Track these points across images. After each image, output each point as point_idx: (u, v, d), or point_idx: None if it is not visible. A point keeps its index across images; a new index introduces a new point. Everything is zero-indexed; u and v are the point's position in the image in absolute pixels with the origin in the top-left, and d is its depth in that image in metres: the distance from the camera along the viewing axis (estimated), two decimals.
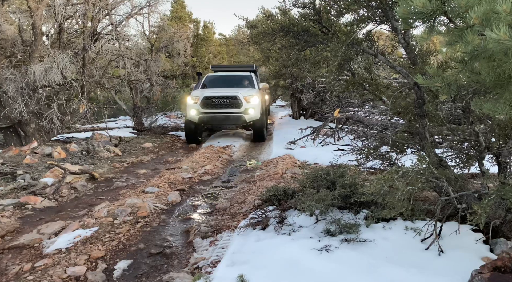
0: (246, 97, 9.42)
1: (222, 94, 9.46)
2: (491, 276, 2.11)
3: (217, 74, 11.57)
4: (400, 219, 3.13)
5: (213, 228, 3.73)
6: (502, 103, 1.85)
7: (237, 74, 11.41)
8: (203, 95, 9.44)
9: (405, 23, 1.91)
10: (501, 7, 1.40)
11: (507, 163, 3.17)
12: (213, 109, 9.36)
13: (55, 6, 8.23)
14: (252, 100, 9.51)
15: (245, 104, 9.33)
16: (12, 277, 3.00)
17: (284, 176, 5.50)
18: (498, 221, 2.82)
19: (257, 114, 9.49)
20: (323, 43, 3.72)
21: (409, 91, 3.62)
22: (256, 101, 9.57)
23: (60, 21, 8.42)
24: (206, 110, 9.36)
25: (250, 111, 9.38)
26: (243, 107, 9.34)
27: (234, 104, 9.37)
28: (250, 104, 9.41)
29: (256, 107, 9.48)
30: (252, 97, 9.55)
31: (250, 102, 9.43)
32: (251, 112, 9.39)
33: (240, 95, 9.41)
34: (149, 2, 10.70)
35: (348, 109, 9.78)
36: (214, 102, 9.35)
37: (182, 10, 21.79)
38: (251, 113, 9.40)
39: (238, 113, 9.39)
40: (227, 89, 10.01)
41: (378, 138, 4.26)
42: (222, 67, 13.34)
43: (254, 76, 11.04)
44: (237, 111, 9.38)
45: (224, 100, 9.38)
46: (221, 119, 9.51)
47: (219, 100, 9.36)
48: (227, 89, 9.91)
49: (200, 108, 9.35)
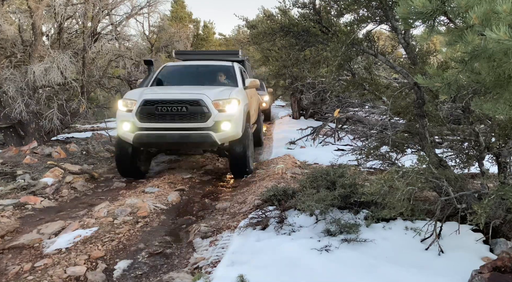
0: (217, 103, 5.54)
1: (174, 97, 5.50)
2: (491, 276, 2.11)
3: (180, 65, 7.70)
4: (400, 219, 3.13)
5: (213, 228, 3.73)
6: (502, 103, 1.85)
7: (211, 64, 7.57)
8: (142, 98, 5.51)
9: (405, 23, 1.91)
10: (501, 7, 1.40)
11: (507, 163, 3.17)
12: (159, 122, 5.45)
13: (55, 6, 8.23)
14: (228, 107, 5.60)
15: (215, 114, 5.46)
16: (12, 277, 3.00)
17: (284, 176, 5.50)
18: (498, 221, 2.82)
19: (236, 130, 5.62)
20: (323, 43, 3.72)
21: (409, 91, 3.62)
22: (235, 108, 5.66)
23: (60, 21, 8.43)
24: (146, 124, 5.45)
25: (224, 126, 5.49)
26: (211, 120, 5.43)
27: (196, 115, 5.43)
28: (225, 114, 5.54)
29: (235, 119, 5.61)
30: (228, 103, 5.62)
31: (224, 110, 5.56)
32: (226, 128, 5.50)
33: (207, 99, 5.46)
34: (149, 2, 10.70)
35: (348, 109, 9.79)
36: (160, 111, 5.41)
37: (182, 10, 21.81)
38: (225, 130, 5.50)
39: (203, 129, 5.46)
40: (187, 88, 6.11)
41: (378, 138, 4.26)
42: (191, 53, 9.42)
43: (237, 68, 7.36)
44: (200, 126, 5.45)
45: (177, 108, 5.42)
46: (173, 140, 5.49)
47: (169, 108, 5.41)
48: (185, 89, 6.01)
49: (137, 121, 5.45)
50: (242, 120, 5.83)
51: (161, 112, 5.45)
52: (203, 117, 5.45)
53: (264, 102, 14.34)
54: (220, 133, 5.52)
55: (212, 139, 5.47)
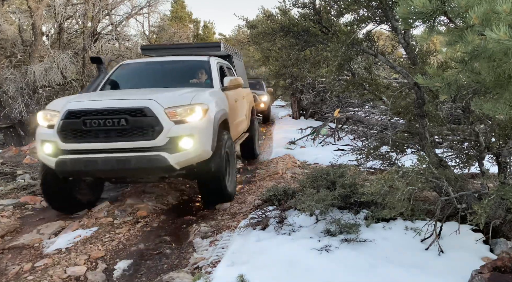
0: (173, 111, 3.94)
1: (108, 106, 3.91)
2: (491, 276, 2.11)
3: (141, 62, 6.06)
4: (400, 219, 3.13)
5: (213, 228, 3.73)
6: (502, 103, 1.85)
7: (180, 60, 5.85)
8: (65, 108, 3.93)
9: (405, 23, 1.91)
10: (501, 7, 1.40)
11: (507, 163, 3.17)
12: (89, 142, 3.88)
13: (55, 6, 8.24)
14: (191, 117, 4.02)
15: (169, 127, 3.87)
16: (12, 277, 3.00)
17: (284, 176, 5.50)
18: (498, 221, 2.82)
19: (203, 148, 4.05)
20: (323, 43, 3.72)
21: (409, 91, 3.62)
22: (200, 117, 4.07)
23: (60, 21, 8.44)
24: (71, 145, 3.90)
25: (184, 144, 3.92)
26: (163, 136, 3.85)
27: (140, 129, 3.86)
28: (185, 127, 3.96)
29: (200, 133, 4.03)
30: (190, 111, 4.03)
31: (184, 121, 3.97)
32: (187, 146, 3.93)
33: (156, 107, 3.88)
34: (149, 2, 10.71)
35: (348, 109, 9.79)
36: (89, 126, 3.84)
37: (182, 10, 21.82)
38: (186, 149, 3.93)
39: (151, 150, 3.88)
40: (131, 93, 4.59)
41: (378, 138, 4.27)
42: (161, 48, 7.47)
43: (214, 64, 5.56)
44: (147, 145, 3.87)
45: (113, 121, 3.84)
46: (108, 166, 3.88)
47: (102, 121, 3.84)
48: (128, 94, 4.52)
49: (59, 141, 3.91)
50: (212, 134, 4.12)
51: (91, 127, 3.76)
52: (151, 132, 3.76)
53: (263, 102, 13.67)
54: (178, 155, 3.83)
55: (165, 164, 3.78)
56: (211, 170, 4.22)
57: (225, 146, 4.50)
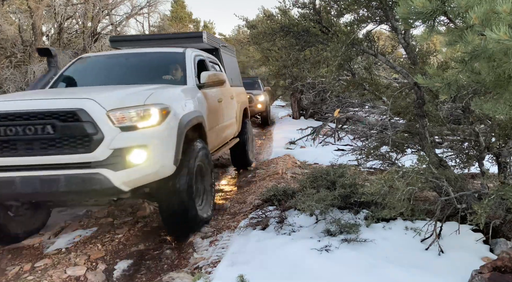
0: (120, 114, 2.96)
1: (29, 108, 2.90)
2: (491, 276, 2.11)
3: (103, 55, 5.21)
4: (400, 219, 3.13)
5: (213, 228, 3.73)
6: (502, 103, 1.85)
7: (149, 52, 4.89)
8: None
9: (405, 23, 1.91)
10: (501, 7, 1.40)
11: (507, 163, 3.17)
12: (5, 155, 2.90)
13: (55, 6, 8.24)
14: (144, 122, 3.04)
15: (112, 135, 2.89)
16: (12, 277, 3.00)
17: (284, 176, 5.50)
18: (498, 221, 2.82)
19: (161, 162, 3.09)
20: (323, 43, 3.72)
21: (409, 91, 3.62)
22: (157, 122, 3.10)
23: (60, 21, 8.44)
24: None
25: (135, 158, 2.94)
26: (104, 147, 2.86)
27: (72, 139, 2.86)
28: (136, 135, 2.98)
29: (157, 143, 3.07)
30: (144, 114, 3.05)
31: (135, 127, 2.99)
32: (139, 159, 2.95)
33: (94, 108, 2.91)
34: (149, 2, 10.71)
35: (348, 109, 9.79)
36: (5, 134, 2.86)
37: (182, 10, 21.82)
38: (138, 164, 2.95)
39: (86, 166, 2.88)
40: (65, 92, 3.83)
41: (378, 138, 4.27)
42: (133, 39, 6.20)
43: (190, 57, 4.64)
44: (81, 159, 2.87)
45: (35, 128, 2.86)
46: (29, 189, 2.87)
47: (20, 128, 2.85)
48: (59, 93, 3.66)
49: None
50: (176, 143, 3.16)
51: (7, 136, 2.85)
52: (87, 143, 2.84)
53: (260, 103, 12.84)
54: (126, 172, 2.89)
55: (106, 185, 2.85)
56: (174, 190, 3.25)
57: (197, 158, 3.52)
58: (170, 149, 3.17)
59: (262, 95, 13.26)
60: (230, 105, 5.52)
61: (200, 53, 5.05)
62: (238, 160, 6.47)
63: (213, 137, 4.43)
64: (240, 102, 6.18)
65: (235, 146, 5.90)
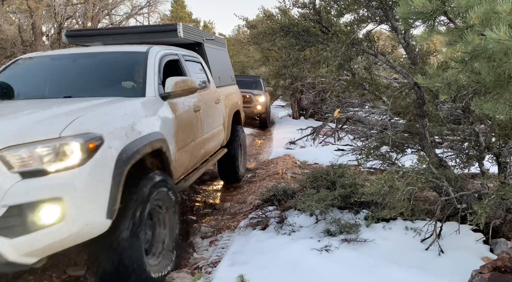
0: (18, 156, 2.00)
1: None
2: (491, 276, 2.11)
3: (47, 56, 3.96)
4: (400, 219, 3.13)
5: (213, 228, 3.73)
6: (502, 103, 1.85)
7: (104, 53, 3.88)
8: None
9: (405, 23, 1.91)
10: (501, 7, 1.40)
11: (507, 163, 3.17)
12: None
13: (55, 6, 8.24)
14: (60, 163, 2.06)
15: (7, 185, 1.94)
16: (12, 277, 3.00)
17: (284, 176, 5.50)
18: (498, 221, 2.83)
19: (86, 218, 2.11)
20: (323, 43, 3.72)
21: (409, 91, 3.62)
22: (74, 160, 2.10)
23: (60, 21, 8.43)
24: None
25: (43, 216, 1.98)
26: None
27: None
28: (44, 184, 2.01)
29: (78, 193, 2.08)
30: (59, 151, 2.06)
31: (45, 170, 2.03)
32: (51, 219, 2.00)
33: None
34: (149, 2, 10.71)
35: (348, 109, 9.79)
36: None
37: (182, 10, 21.83)
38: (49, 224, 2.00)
39: None
40: None
41: (378, 138, 4.27)
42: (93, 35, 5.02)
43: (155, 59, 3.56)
44: None
45: None
46: None
47: None
48: None
49: None
50: (110, 188, 2.26)
51: None
52: None
53: (259, 104, 11.90)
54: (29, 239, 1.99)
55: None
56: (111, 249, 2.36)
57: (149, 200, 2.56)
58: (99, 199, 2.20)
59: (263, 96, 12.34)
60: (215, 112, 4.46)
61: (173, 51, 4.03)
62: (225, 172, 5.47)
63: (185, 159, 3.51)
64: (229, 105, 5.21)
65: (223, 157, 5.01)
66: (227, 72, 5.93)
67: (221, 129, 4.78)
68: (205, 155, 4.26)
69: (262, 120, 12.63)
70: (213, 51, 5.41)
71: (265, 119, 12.72)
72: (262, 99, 11.90)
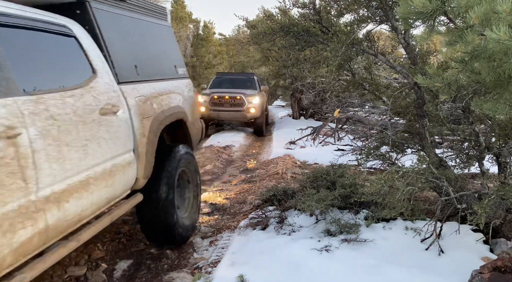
0: None
1: None
2: (491, 276, 2.11)
3: None
4: (400, 219, 3.13)
5: (213, 228, 3.73)
6: (502, 103, 1.85)
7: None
8: None
9: (405, 23, 1.91)
10: (501, 7, 1.40)
11: (507, 163, 3.17)
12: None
13: None
14: None
15: None
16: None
17: (284, 176, 5.50)
18: (498, 221, 2.82)
19: None
20: (323, 43, 3.72)
21: (409, 91, 3.62)
22: None
23: None
24: None
25: None
26: None
27: None
28: None
29: None
30: None
31: None
32: None
33: None
34: None
35: (348, 109, 9.79)
36: None
37: (182, 10, 21.82)
38: None
39: None
40: None
41: (378, 138, 4.26)
42: None
43: None
44: None
45: None
46: None
47: None
48: None
49: None
50: None
51: None
52: None
53: (253, 107, 10.02)
54: None
55: None
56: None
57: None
58: None
59: (257, 96, 10.36)
60: (98, 131, 2.38)
61: None
62: (150, 232, 3.29)
63: None
64: (155, 115, 3.07)
65: (143, 207, 3.10)
66: (160, 58, 3.67)
67: (128, 161, 2.70)
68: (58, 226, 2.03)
69: (257, 127, 10.57)
70: (120, 20, 3.14)
71: (260, 126, 10.53)
72: (256, 100, 10.19)
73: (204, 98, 10.29)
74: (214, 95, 10.25)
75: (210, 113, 10.18)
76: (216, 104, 10.24)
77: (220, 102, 10.23)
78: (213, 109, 10.20)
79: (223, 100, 10.21)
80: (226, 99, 10.22)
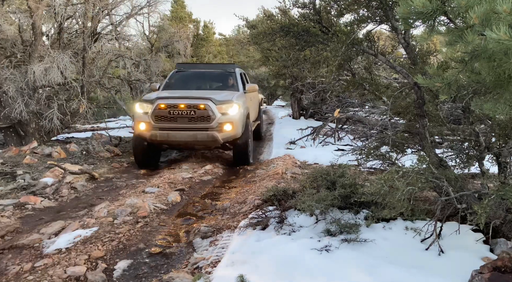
0: None
1: None
2: (491, 276, 2.11)
3: None
4: (400, 219, 3.13)
5: (213, 228, 3.73)
6: (502, 103, 1.85)
7: None
8: None
9: (405, 23, 1.91)
10: (501, 7, 1.40)
11: (507, 163, 3.17)
12: None
13: (55, 6, 8.23)
14: None
15: None
16: (12, 277, 3.00)
17: (284, 176, 5.50)
18: (498, 221, 2.82)
19: None
20: (323, 43, 3.72)
21: (409, 91, 3.62)
22: None
23: (60, 21, 8.42)
24: None
25: None
26: None
27: None
28: None
29: None
30: None
31: None
32: None
33: None
34: (149, 2, 10.69)
35: (348, 109, 9.79)
36: None
37: (182, 10, 21.82)
38: None
39: None
40: None
41: (378, 138, 4.26)
42: None
43: None
44: None
45: None
46: None
47: None
48: None
49: None
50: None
51: None
52: None
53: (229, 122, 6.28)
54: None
55: None
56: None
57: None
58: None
59: (235, 104, 6.44)
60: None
61: None
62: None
63: None
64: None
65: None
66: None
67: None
68: None
69: (238, 153, 6.79)
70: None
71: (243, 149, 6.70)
72: (233, 110, 6.40)
73: (145, 109, 6.38)
74: (161, 103, 6.22)
75: (153, 134, 6.24)
76: (164, 119, 6.24)
77: (172, 115, 6.21)
78: (158, 128, 6.24)
79: (175, 112, 6.21)
80: (182, 108, 6.20)
